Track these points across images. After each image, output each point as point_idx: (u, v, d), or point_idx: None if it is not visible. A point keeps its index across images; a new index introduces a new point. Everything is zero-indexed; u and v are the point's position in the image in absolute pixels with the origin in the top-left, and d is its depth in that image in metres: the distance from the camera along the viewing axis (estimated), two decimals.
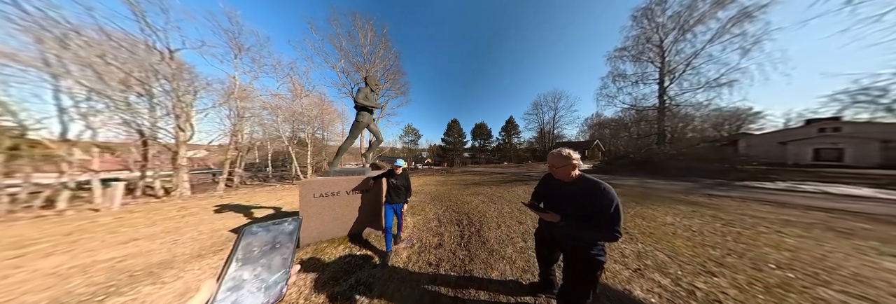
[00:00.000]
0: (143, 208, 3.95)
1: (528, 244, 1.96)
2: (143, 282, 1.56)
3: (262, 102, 7.87)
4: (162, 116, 5.99)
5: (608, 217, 0.79)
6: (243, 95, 7.12)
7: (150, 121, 5.75)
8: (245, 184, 9.35)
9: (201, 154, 13.67)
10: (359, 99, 2.26)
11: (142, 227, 2.78)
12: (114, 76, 5.00)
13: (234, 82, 7.16)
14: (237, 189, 7.17)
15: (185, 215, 3.35)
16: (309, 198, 2.04)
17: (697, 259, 1.62)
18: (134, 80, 5.23)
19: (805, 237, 1.99)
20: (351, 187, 2.20)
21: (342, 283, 1.44)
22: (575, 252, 0.90)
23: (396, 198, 1.86)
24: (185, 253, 2.02)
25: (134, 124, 5.53)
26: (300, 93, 8.75)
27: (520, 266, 1.59)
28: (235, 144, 7.82)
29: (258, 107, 7.82)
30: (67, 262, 1.89)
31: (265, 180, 10.98)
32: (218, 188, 6.47)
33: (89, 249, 2.14)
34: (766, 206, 3.15)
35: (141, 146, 5.77)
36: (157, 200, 5.03)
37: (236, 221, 2.98)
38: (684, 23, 9.41)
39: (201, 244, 2.22)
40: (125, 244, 2.23)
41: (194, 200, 5.01)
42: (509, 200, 3.83)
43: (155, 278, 1.61)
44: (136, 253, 2.03)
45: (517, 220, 2.64)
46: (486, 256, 1.77)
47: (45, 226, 2.91)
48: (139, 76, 5.32)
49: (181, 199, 5.20)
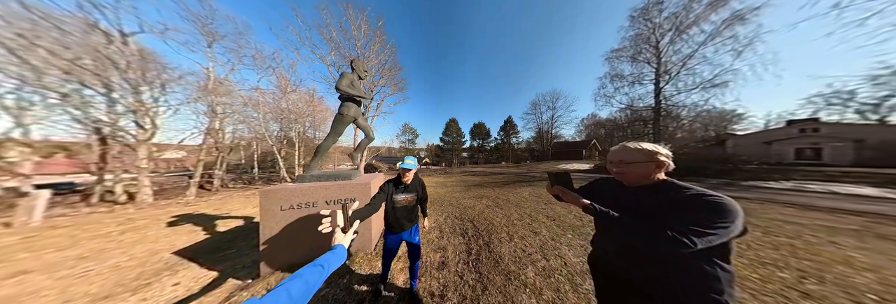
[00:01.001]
0: (75, 222, 3.23)
1: (552, 264, 1.57)
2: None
3: (243, 98, 7.13)
4: (125, 111, 5.22)
5: (690, 218, 0.45)
6: (219, 90, 6.38)
7: (111, 117, 5.02)
8: (226, 187, 8.50)
9: (179, 155, 12.50)
10: (342, 86, 1.78)
11: (51, 251, 2.14)
12: (51, 63, 4.20)
13: (208, 75, 6.41)
14: (215, 193, 6.41)
15: (125, 231, 2.72)
16: (274, 211, 1.56)
17: (771, 286, 1.27)
18: (82, 69, 4.43)
19: (866, 250, 1.72)
20: (332, 197, 1.72)
21: None
22: (663, 291, 0.51)
23: (404, 221, 1.12)
24: (88, 293, 1.47)
25: (89, 121, 4.76)
26: (286, 88, 8.05)
27: (548, 299, 1.20)
28: (216, 143, 7.03)
29: (239, 103, 7.07)
30: None
31: (250, 183, 10.12)
32: (188, 193, 5.70)
33: None
34: (790, 208, 2.94)
35: (99, 146, 5.01)
36: (107, 210, 4.27)
37: (189, 237, 2.41)
38: (680, 23, 9.58)
39: (120, 277, 1.67)
40: (8, 279, 1.64)
41: (152, 208, 4.30)
42: (516, 204, 3.45)
43: None
44: (11, 295, 1.46)
45: (530, 229, 2.25)
46: (502, 281, 1.37)
47: None
48: (90, 65, 4.52)
49: (136, 208, 4.46)
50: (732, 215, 0.46)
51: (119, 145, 5.23)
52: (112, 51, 4.84)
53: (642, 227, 0.50)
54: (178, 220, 3.16)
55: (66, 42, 4.38)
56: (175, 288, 1.52)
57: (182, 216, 3.36)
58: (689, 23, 9.42)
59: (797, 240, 1.90)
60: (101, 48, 4.69)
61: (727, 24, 8.77)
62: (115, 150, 5.22)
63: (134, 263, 1.85)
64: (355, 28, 8.28)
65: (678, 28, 9.66)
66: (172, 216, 3.38)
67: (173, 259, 1.91)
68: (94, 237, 2.51)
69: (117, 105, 5.02)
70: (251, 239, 2.31)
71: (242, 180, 11.20)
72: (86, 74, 4.55)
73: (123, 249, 2.15)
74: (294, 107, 8.03)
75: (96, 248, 2.19)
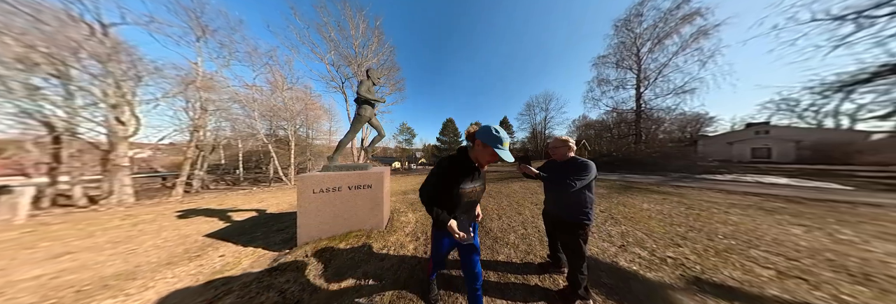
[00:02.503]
0: (66, 220, 3.28)
1: (529, 231, 2.16)
2: (98, 296, 1.38)
3: (233, 94, 7.10)
4: (86, 105, 4.93)
5: (574, 174, 1.03)
6: (207, 85, 6.37)
7: (68, 111, 4.62)
8: (207, 189, 8.29)
9: (144, 154, 11.73)
10: (362, 92, 2.26)
11: (72, 239, 2.35)
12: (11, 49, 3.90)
13: (195, 69, 6.36)
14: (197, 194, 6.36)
15: (137, 223, 2.92)
16: (308, 194, 1.99)
17: (667, 235, 1.97)
18: (40, 56, 4.10)
19: (744, 215, 2.52)
20: (353, 183, 2.19)
21: (349, 276, 1.46)
22: (562, 218, 1.12)
23: (464, 217, 0.89)
24: (150, 262, 1.81)
25: (39, 115, 4.32)
26: (282, 85, 8.09)
27: (523, 250, 1.77)
28: (197, 141, 6.92)
29: (227, 99, 7.04)
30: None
31: (234, 184, 9.86)
32: (174, 193, 5.67)
33: (2, 269, 1.79)
34: (718, 193, 3.86)
35: (51, 144, 4.59)
36: (82, 209, 4.24)
37: (210, 225, 2.70)
38: (657, 35, 11.01)
39: (168, 252, 2.00)
40: (55, 259, 1.89)
41: (142, 207, 4.36)
42: (507, 195, 4.05)
43: (114, 290, 1.44)
44: (75, 268, 1.75)
45: (516, 211, 2.86)
46: (490, 242, 1.92)
47: None
48: (49, 52, 4.17)
49: (123, 207, 4.47)
50: (589, 170, 1.05)
51: (79, 143, 4.85)
52: (93, 42, 4.72)
53: (559, 180, 1.07)
54: (186, 213, 3.37)
55: (21, 28, 4.08)
56: (222, 258, 1.89)
57: (188, 211, 3.55)
58: (664, 34, 10.87)
59: (705, 212, 2.67)
60: (81, 38, 4.54)
61: (694, 37, 10.27)
62: (72, 148, 4.81)
63: (172, 243, 2.16)
64: (353, 27, 8.54)
65: (656, 38, 11.11)
66: (176, 212, 3.56)
67: (207, 240, 2.24)
68: (109, 229, 2.70)
69: (77, 98, 4.66)
70: (271, 226, 2.68)
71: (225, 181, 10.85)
72: (45, 63, 4.19)
73: (151, 235, 2.42)
74: (289, 105, 8.10)
75: (122, 235, 2.43)
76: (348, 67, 8.28)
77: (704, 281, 1.27)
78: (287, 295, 1.31)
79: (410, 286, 1.32)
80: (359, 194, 2.24)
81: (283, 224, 2.72)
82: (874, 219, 2.35)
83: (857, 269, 1.39)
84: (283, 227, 2.63)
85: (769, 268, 1.41)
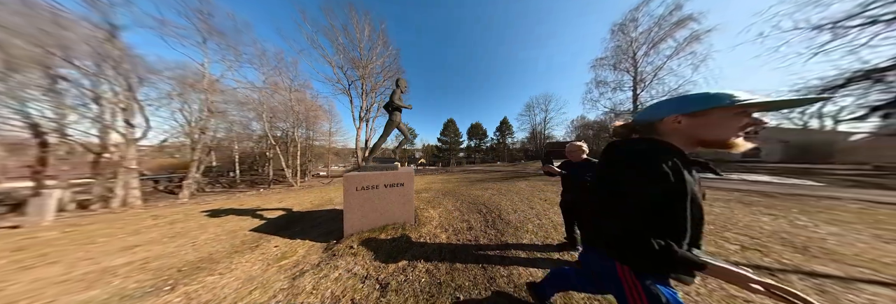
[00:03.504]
0: (94, 221, 3.47)
1: (543, 222, 2.56)
2: (198, 274, 1.70)
3: (241, 97, 7.27)
4: (77, 105, 4.70)
5: (590, 171, 1.47)
6: (213, 88, 6.54)
7: (57, 112, 4.42)
8: (203, 191, 8.39)
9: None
10: (395, 100, 2.62)
11: (123, 236, 2.60)
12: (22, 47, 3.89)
13: (202, 71, 6.52)
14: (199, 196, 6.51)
15: (172, 222, 3.18)
16: (352, 191, 2.33)
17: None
18: (23, 52, 3.86)
19: (725, 207, 2.99)
20: (388, 181, 2.54)
21: (401, 258, 1.82)
22: (583, 206, 1.52)
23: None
24: (219, 250, 2.11)
25: (22, 117, 4.12)
26: (290, 87, 8.30)
27: (541, 236, 2.16)
28: (203, 143, 7.05)
29: (233, 101, 7.22)
30: (70, 271, 1.84)
31: (231, 186, 9.94)
32: (182, 196, 5.84)
33: (82, 259, 2.06)
34: (706, 190, 4.38)
35: (38, 148, 4.45)
36: (92, 212, 4.39)
37: (248, 222, 2.99)
38: (652, 39, 11.74)
39: (228, 243, 2.30)
40: (128, 251, 2.18)
41: (159, 209, 4.55)
42: (516, 192, 4.45)
43: (207, 271, 1.75)
44: (155, 256, 2.05)
45: (529, 206, 3.26)
46: (512, 231, 2.31)
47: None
48: (30, 49, 3.92)
49: (136, 209, 4.65)
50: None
51: (67, 146, 4.71)
52: (96, 42, 4.70)
53: (579, 176, 1.48)
54: (213, 213, 3.62)
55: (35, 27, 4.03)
56: (277, 248, 2.20)
57: (213, 211, 3.79)
58: (659, 39, 11.61)
59: None
60: (87, 39, 4.54)
61: (688, 41, 11.03)
62: (60, 151, 4.67)
63: (225, 237, 2.45)
64: (358, 31, 8.83)
65: (650, 43, 11.85)
66: (201, 212, 3.81)
67: (254, 234, 2.54)
68: (149, 227, 2.95)
69: (65, 97, 4.45)
70: (305, 222, 2.99)
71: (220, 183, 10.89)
72: (27, 60, 3.94)
73: (198, 231, 2.69)
74: (296, 108, 8.30)
75: (168, 232, 2.69)
76: (354, 69, 8.56)
77: None
78: (354, 272, 1.65)
79: (458, 262, 1.69)
80: (393, 191, 2.59)
81: (316, 221, 3.04)
82: (829, 209, 2.87)
83: (801, 244, 1.84)
84: (316, 223, 2.95)
85: (736, 244, 1.85)
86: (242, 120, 8.38)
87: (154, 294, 1.46)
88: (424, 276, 1.55)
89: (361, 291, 1.42)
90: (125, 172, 5.21)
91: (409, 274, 1.58)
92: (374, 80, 9.42)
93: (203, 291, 1.49)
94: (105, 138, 5.10)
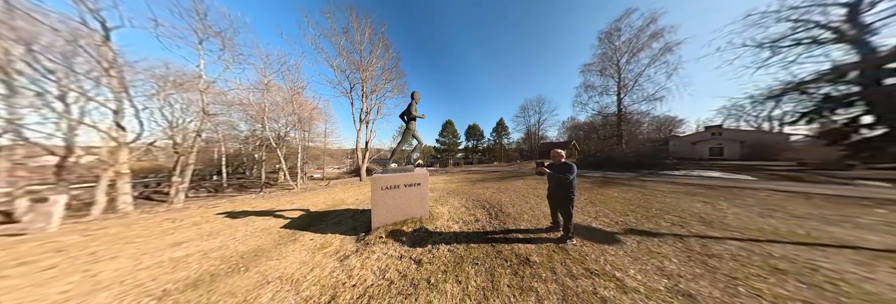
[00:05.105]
0: (104, 225, 3.59)
1: (536, 213, 3.24)
2: (261, 260, 2.12)
3: (237, 97, 7.26)
4: (40, 105, 4.48)
5: (566, 171, 2.11)
6: (209, 88, 6.52)
7: (11, 113, 4.15)
8: (187, 197, 8.18)
9: (89, 160, 10.75)
10: (413, 112, 3.14)
11: (153, 237, 2.86)
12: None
13: (198, 72, 6.46)
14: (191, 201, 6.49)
15: (195, 224, 3.44)
16: (378, 190, 2.82)
17: (623, 210, 3.18)
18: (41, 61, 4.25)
19: (674, 198, 3.89)
20: (407, 182, 3.06)
21: (426, 243, 2.37)
22: (560, 196, 2.18)
23: None
24: (265, 243, 2.52)
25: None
26: (292, 89, 8.35)
27: (534, 223, 2.81)
28: (174, 145, 6.95)
29: (234, 102, 7.20)
30: (139, 262, 2.16)
31: (217, 190, 9.69)
32: (176, 201, 5.82)
33: (140, 253, 2.36)
34: (667, 184, 5.39)
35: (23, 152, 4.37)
36: (88, 217, 4.42)
37: (273, 222, 3.35)
38: (632, 48, 13.26)
39: (268, 238, 2.69)
40: (175, 247, 2.50)
41: (158, 214, 4.65)
42: (513, 190, 5.16)
43: (265, 257, 2.18)
44: (210, 249, 2.40)
45: (524, 201, 3.94)
46: (513, 219, 2.95)
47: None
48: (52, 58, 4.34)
49: (127, 214, 4.70)
50: (574, 169, 2.15)
51: (23, 149, 4.43)
52: (87, 43, 4.76)
53: (560, 174, 2.15)
54: (231, 215, 3.89)
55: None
56: (313, 240, 2.65)
57: (228, 213, 4.05)
58: (637, 49, 13.14)
59: (651, 197, 4.02)
60: (80, 41, 4.60)
61: (662, 52, 12.60)
62: (16, 155, 4.41)
63: (260, 233, 2.83)
64: (359, 33, 9.07)
65: (632, 51, 13.37)
66: (217, 214, 4.05)
67: (287, 231, 2.95)
68: (176, 228, 3.21)
69: (25, 97, 4.21)
70: (328, 220, 3.42)
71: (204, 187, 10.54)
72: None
73: (230, 230, 3.02)
74: (297, 110, 8.38)
75: (200, 232, 3.00)
76: (356, 72, 8.80)
77: (633, 230, 2.44)
78: (390, 254, 2.18)
79: (472, 243, 2.28)
80: (411, 190, 3.11)
81: (337, 219, 3.48)
82: (746, 197, 3.87)
83: (708, 219, 2.70)
84: (338, 220, 3.39)
85: (669, 223, 2.63)
86: (230, 120, 8.30)
87: (235, 273, 1.89)
88: (447, 254, 2.12)
89: (401, 265, 1.96)
90: (118, 176, 5.15)
91: (435, 253, 2.14)
92: (374, 82, 9.73)
93: (271, 270, 1.94)
94: (105, 143, 5.00)
